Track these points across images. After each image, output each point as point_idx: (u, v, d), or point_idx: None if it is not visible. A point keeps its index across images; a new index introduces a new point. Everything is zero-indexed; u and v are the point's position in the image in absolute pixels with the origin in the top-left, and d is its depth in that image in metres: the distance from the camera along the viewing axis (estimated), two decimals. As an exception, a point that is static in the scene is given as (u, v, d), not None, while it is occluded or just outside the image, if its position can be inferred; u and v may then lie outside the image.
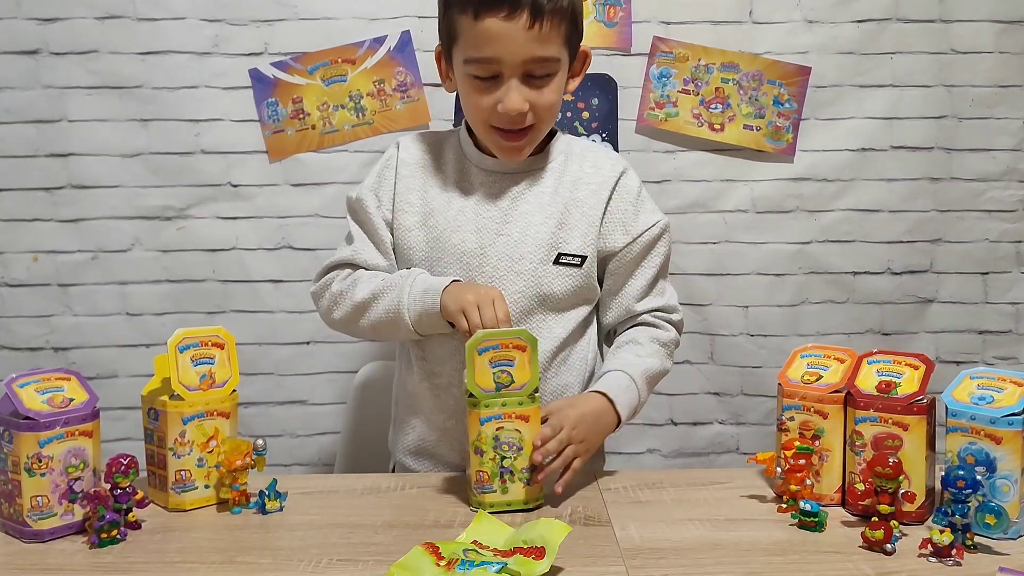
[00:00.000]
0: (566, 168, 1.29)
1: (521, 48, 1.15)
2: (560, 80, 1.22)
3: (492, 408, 1.08)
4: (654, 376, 1.28)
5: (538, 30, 1.14)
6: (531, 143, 1.25)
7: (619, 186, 1.30)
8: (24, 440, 0.98)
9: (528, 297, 1.25)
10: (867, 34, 2.06)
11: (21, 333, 2.05)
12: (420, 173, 1.30)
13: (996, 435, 0.98)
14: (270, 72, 2.03)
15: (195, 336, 1.12)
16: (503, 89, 1.18)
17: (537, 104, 1.19)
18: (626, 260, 1.29)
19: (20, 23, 1.99)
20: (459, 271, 1.25)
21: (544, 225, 1.25)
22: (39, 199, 2.03)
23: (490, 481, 1.08)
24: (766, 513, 1.08)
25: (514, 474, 1.09)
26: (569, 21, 1.19)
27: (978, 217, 2.11)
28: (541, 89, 1.19)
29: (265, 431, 2.06)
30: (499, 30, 1.14)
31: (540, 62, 1.17)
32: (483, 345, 1.08)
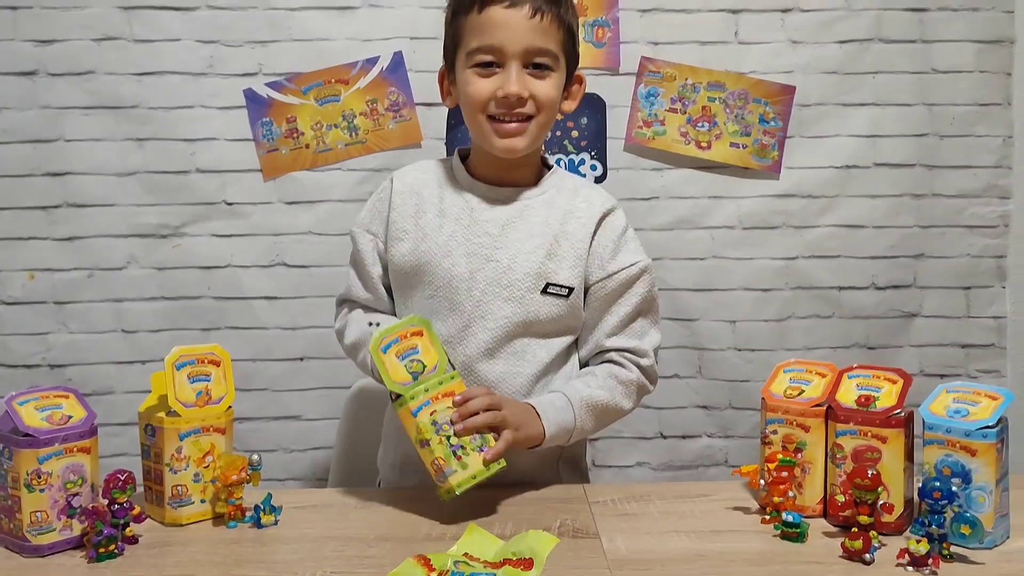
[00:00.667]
0: (556, 201, 1.31)
1: (523, 36, 1.21)
2: (558, 80, 1.26)
3: (417, 398, 1.10)
4: (598, 406, 1.27)
5: (539, 21, 1.21)
6: (529, 137, 1.26)
7: (605, 222, 1.31)
8: (24, 456, 0.99)
9: (515, 323, 1.27)
10: (850, 54, 2.10)
11: (17, 350, 2.07)
12: (414, 200, 1.32)
13: (971, 447, 1.00)
14: (264, 92, 2.06)
15: (192, 354, 1.13)
16: (504, 75, 1.22)
17: (536, 93, 1.23)
18: (600, 295, 1.30)
19: (18, 44, 2.02)
20: (449, 295, 1.27)
21: (534, 254, 1.27)
22: (36, 217, 2.05)
23: (447, 463, 1.08)
24: (750, 524, 1.10)
25: (465, 448, 1.10)
26: (566, 32, 1.25)
27: (960, 233, 2.15)
28: (541, 80, 1.24)
29: (260, 446, 2.08)
30: (502, 18, 1.21)
31: (540, 52, 1.22)
32: (384, 343, 1.10)
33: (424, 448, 1.09)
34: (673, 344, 2.16)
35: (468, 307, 1.26)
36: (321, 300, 2.07)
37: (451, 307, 1.27)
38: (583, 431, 1.27)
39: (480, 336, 1.26)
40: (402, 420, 1.11)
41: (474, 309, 1.26)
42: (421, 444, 1.09)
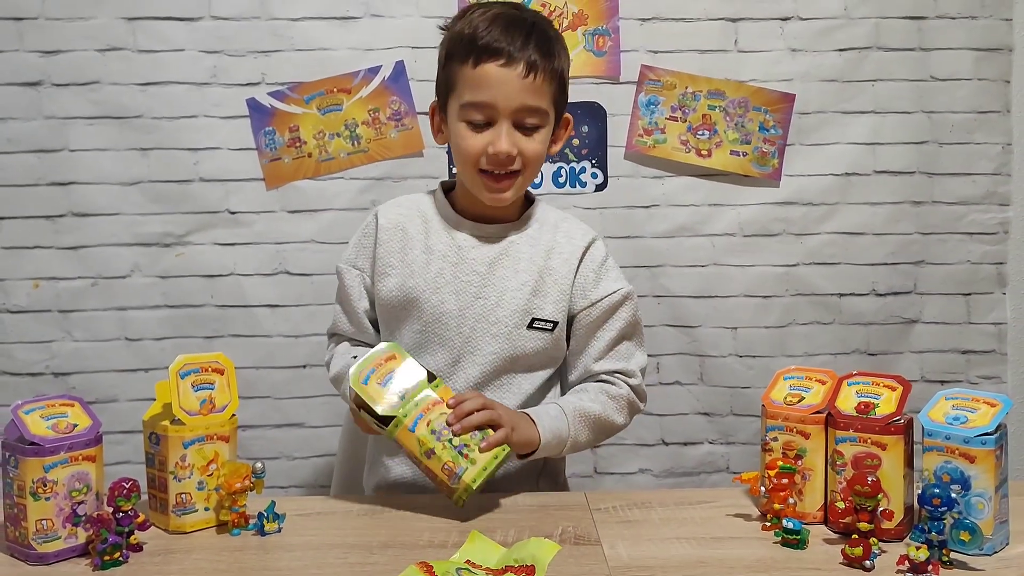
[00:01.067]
0: (540, 236, 1.35)
1: (515, 94, 1.23)
2: (546, 134, 1.28)
3: (411, 414, 1.14)
4: (591, 417, 1.29)
5: (532, 80, 1.22)
6: (516, 189, 1.30)
7: (586, 255, 1.35)
8: (29, 465, 1.00)
9: (502, 358, 1.31)
10: (849, 62, 2.11)
11: (22, 358, 2.08)
12: (399, 236, 1.35)
13: (970, 454, 1.01)
14: (267, 102, 2.07)
15: (196, 362, 1.14)
16: (495, 132, 1.24)
17: (524, 151, 1.26)
18: (585, 323, 1.34)
19: (23, 55, 2.03)
20: (438, 331, 1.31)
21: (520, 291, 1.31)
22: (40, 227, 2.07)
23: (456, 464, 1.12)
24: (751, 531, 1.10)
25: (469, 445, 1.14)
26: (558, 84, 1.27)
27: (960, 239, 2.15)
28: (530, 137, 1.26)
29: (263, 453, 2.08)
30: (496, 75, 1.22)
31: (531, 111, 1.25)
32: (363, 376, 1.15)
33: (431, 458, 1.12)
34: (674, 351, 2.17)
35: (457, 343, 1.30)
36: (323, 308, 2.07)
37: (440, 342, 1.31)
38: (577, 442, 1.29)
39: (469, 371, 1.31)
40: (402, 442, 1.14)
41: (463, 345, 1.30)
42: (427, 455, 1.12)
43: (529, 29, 1.24)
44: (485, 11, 1.27)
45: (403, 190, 2.04)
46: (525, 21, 1.26)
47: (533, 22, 1.27)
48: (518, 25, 1.24)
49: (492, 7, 1.28)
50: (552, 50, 1.26)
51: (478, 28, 1.23)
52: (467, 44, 1.24)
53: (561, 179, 2.12)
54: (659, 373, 2.17)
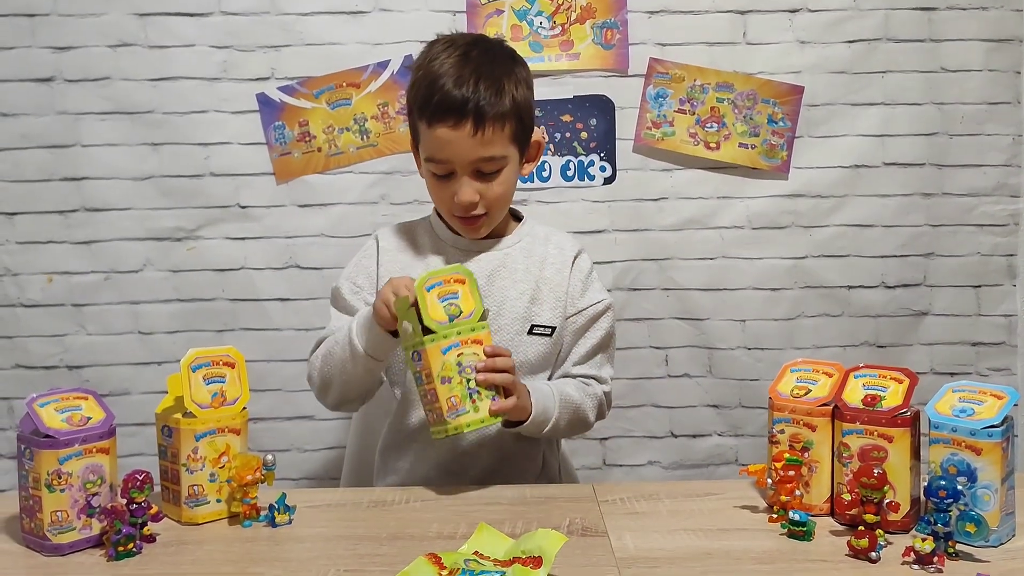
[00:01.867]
0: (533, 248, 1.43)
1: (468, 151, 1.29)
2: (508, 172, 1.35)
3: (449, 337, 1.18)
4: (572, 406, 1.35)
5: (481, 135, 1.28)
6: (487, 225, 1.38)
7: (575, 266, 1.44)
8: (44, 457, 1.01)
9: None
10: (858, 54, 2.11)
11: (36, 352, 2.10)
12: (400, 257, 1.42)
13: (976, 446, 1.01)
14: (277, 96, 2.08)
15: (207, 356, 1.15)
16: (457, 184, 1.32)
17: (487, 195, 1.33)
18: (572, 329, 1.42)
19: (35, 51, 2.05)
20: None
21: (519, 300, 1.38)
22: (53, 222, 2.09)
23: (462, 403, 1.18)
24: (757, 523, 1.11)
25: (481, 394, 1.19)
26: (515, 120, 1.32)
27: (970, 231, 2.15)
28: (490, 182, 1.33)
29: (273, 446, 2.10)
30: (448, 137, 1.28)
31: (486, 161, 1.31)
32: (429, 283, 1.18)
33: (444, 384, 1.17)
34: (683, 344, 2.17)
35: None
36: (334, 302, 2.09)
37: None
38: (556, 427, 1.34)
39: None
40: (429, 356, 1.17)
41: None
42: (442, 380, 1.17)
43: (475, 83, 1.27)
44: (442, 56, 1.30)
45: (412, 184, 2.06)
46: (471, 76, 1.28)
47: (478, 71, 1.28)
48: (464, 82, 1.27)
49: (449, 47, 1.32)
50: (502, 89, 1.29)
51: (432, 82, 1.28)
52: (422, 101, 1.30)
53: (569, 172, 2.12)
54: (668, 366, 2.18)
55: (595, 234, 2.13)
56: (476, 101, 1.27)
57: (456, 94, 1.27)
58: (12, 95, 2.05)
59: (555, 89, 2.09)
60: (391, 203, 2.11)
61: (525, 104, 1.34)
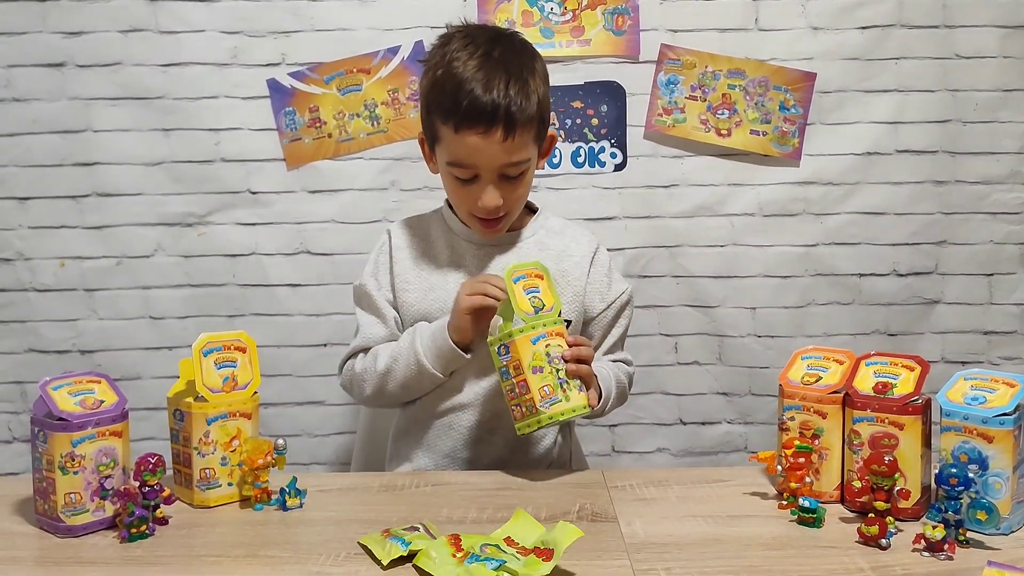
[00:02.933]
0: (549, 241, 1.43)
1: (496, 157, 1.28)
2: (530, 173, 1.35)
3: (537, 328, 1.19)
4: (621, 386, 1.41)
5: (511, 141, 1.26)
6: (507, 224, 1.38)
7: (595, 260, 1.45)
8: (58, 440, 1.02)
9: None
10: (872, 40, 2.09)
11: (49, 336, 2.12)
12: (412, 255, 1.42)
13: (988, 434, 1.01)
14: (287, 82, 2.08)
15: (218, 340, 1.16)
16: (480, 187, 1.30)
17: (510, 198, 1.33)
18: (604, 322, 1.45)
19: (46, 37, 2.05)
20: None
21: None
22: (65, 207, 2.09)
23: (555, 392, 1.18)
24: (767, 510, 1.11)
25: (569, 384, 1.20)
26: (538, 122, 1.31)
27: (983, 219, 2.14)
28: (515, 185, 1.32)
29: (284, 431, 2.11)
30: (476, 144, 1.26)
31: (513, 166, 1.30)
32: (515, 275, 1.20)
33: (536, 374, 1.18)
34: (693, 331, 2.17)
35: (481, 346, 1.33)
36: (344, 288, 2.07)
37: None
38: (611, 408, 1.38)
39: (490, 371, 1.34)
40: (519, 348, 1.18)
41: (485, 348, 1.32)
42: (534, 370, 1.18)
43: (506, 79, 1.25)
44: (464, 56, 1.26)
45: (422, 170, 2.04)
46: (500, 77, 1.25)
47: (507, 72, 1.26)
48: (495, 78, 1.24)
49: (469, 45, 1.28)
50: (529, 91, 1.27)
51: (459, 88, 1.24)
52: (448, 106, 1.25)
53: (580, 159, 2.12)
54: (677, 353, 2.17)
55: (605, 221, 2.13)
56: (507, 107, 1.24)
57: (486, 100, 1.23)
58: (24, 80, 2.06)
59: (566, 75, 2.08)
60: (401, 189, 2.11)
61: (546, 102, 1.34)
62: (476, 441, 1.38)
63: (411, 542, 0.94)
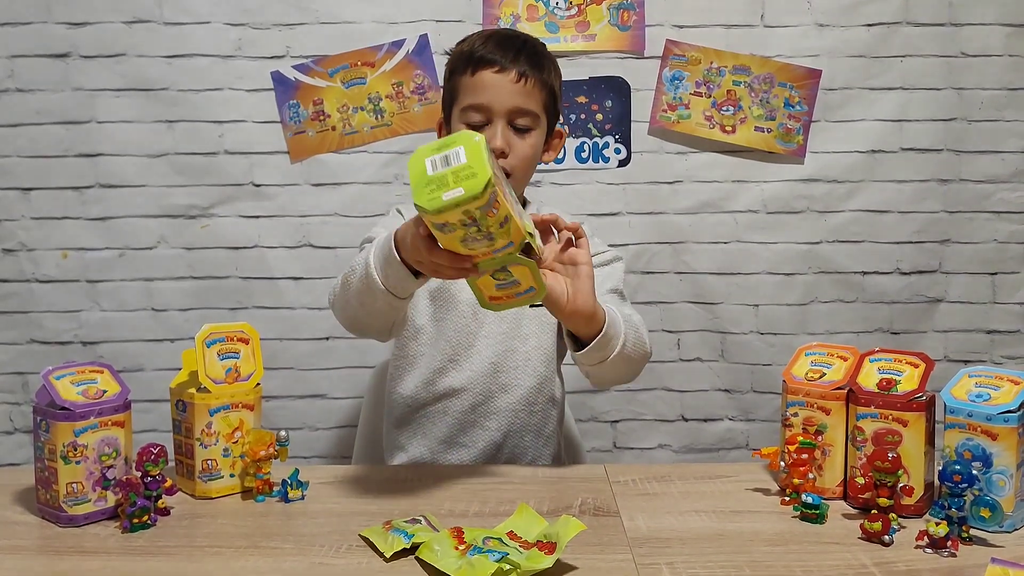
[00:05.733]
0: None
1: (508, 97, 1.33)
2: (537, 138, 1.37)
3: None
4: (633, 325, 1.26)
5: (523, 85, 1.33)
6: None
7: None
8: (60, 429, 1.02)
9: (510, 337, 1.41)
10: (877, 37, 2.09)
11: (51, 327, 2.12)
12: None
13: (992, 431, 1.01)
14: (291, 75, 2.08)
15: (221, 331, 1.16)
16: (491, 130, 1.33)
17: (515, 151, 1.34)
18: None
19: (51, 27, 2.05)
20: (456, 318, 1.40)
21: None
22: (69, 198, 2.09)
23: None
24: (770, 505, 1.11)
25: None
26: (549, 94, 1.37)
27: (987, 218, 2.13)
28: (522, 138, 1.35)
29: (286, 424, 2.12)
30: (491, 80, 1.33)
31: (522, 113, 1.34)
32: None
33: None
34: (696, 327, 2.17)
35: (473, 327, 1.40)
36: (346, 281, 2.09)
37: (457, 328, 1.40)
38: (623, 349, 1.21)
39: (483, 352, 1.40)
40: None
41: (478, 328, 1.40)
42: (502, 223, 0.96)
43: (520, 46, 1.36)
44: (483, 33, 1.41)
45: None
46: (518, 39, 1.38)
47: (524, 40, 1.38)
48: (511, 41, 1.36)
49: (490, 30, 1.43)
50: (542, 64, 1.36)
51: (475, 44, 1.36)
52: (466, 58, 1.36)
53: (584, 154, 2.11)
54: (680, 349, 2.17)
55: (609, 216, 2.12)
56: (524, 54, 1.34)
57: (504, 45, 1.34)
58: (28, 71, 2.06)
59: (571, 70, 2.08)
60: (405, 183, 2.11)
61: (558, 90, 1.40)
62: (470, 425, 1.40)
63: (414, 534, 0.94)
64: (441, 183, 0.91)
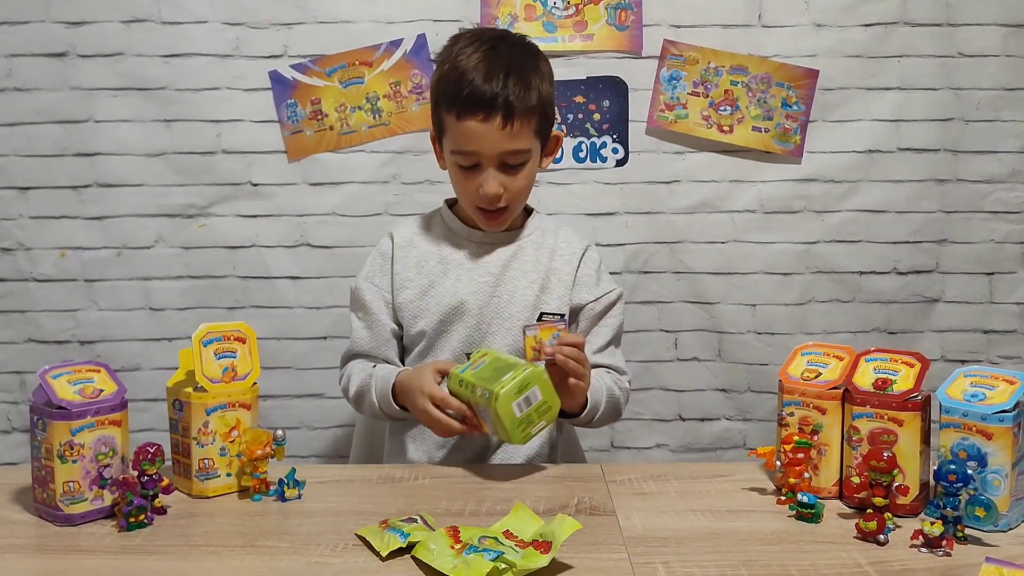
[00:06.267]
0: (543, 241, 1.47)
1: (496, 144, 1.32)
2: (531, 167, 1.39)
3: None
4: (614, 398, 1.40)
5: (510, 129, 1.31)
6: (509, 217, 1.42)
7: (585, 257, 1.48)
8: (57, 428, 1.02)
9: (514, 350, 1.38)
10: (875, 37, 2.09)
11: (48, 326, 2.12)
12: (414, 253, 1.45)
13: (987, 431, 1.01)
14: (289, 74, 2.08)
15: (218, 331, 1.16)
16: (483, 176, 1.34)
17: (510, 188, 1.36)
18: (590, 315, 1.45)
19: (48, 26, 2.05)
20: (460, 329, 1.41)
21: (529, 289, 1.42)
22: (66, 197, 2.09)
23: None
24: (765, 505, 1.11)
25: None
26: (539, 115, 1.35)
27: (984, 218, 2.14)
28: (515, 175, 1.36)
29: (283, 424, 2.10)
30: (477, 130, 1.31)
31: (513, 154, 1.34)
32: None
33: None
34: (693, 327, 2.17)
35: (476, 338, 1.41)
36: (344, 280, 2.08)
37: (460, 338, 1.41)
38: (600, 419, 1.39)
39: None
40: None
41: (481, 340, 1.41)
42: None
43: (506, 71, 1.30)
44: (469, 51, 1.33)
45: (424, 164, 2.06)
46: (499, 65, 1.31)
47: (508, 64, 1.31)
48: (495, 70, 1.30)
49: (475, 42, 1.34)
50: (529, 85, 1.32)
51: (462, 76, 1.30)
52: (451, 95, 1.32)
53: (582, 154, 2.12)
54: (677, 349, 2.17)
55: (606, 216, 2.13)
56: (506, 96, 1.29)
57: (486, 88, 1.29)
58: (25, 70, 2.06)
59: (568, 70, 2.08)
60: (402, 182, 2.11)
61: (549, 99, 1.38)
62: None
63: (410, 534, 0.94)
64: (528, 422, 1.15)
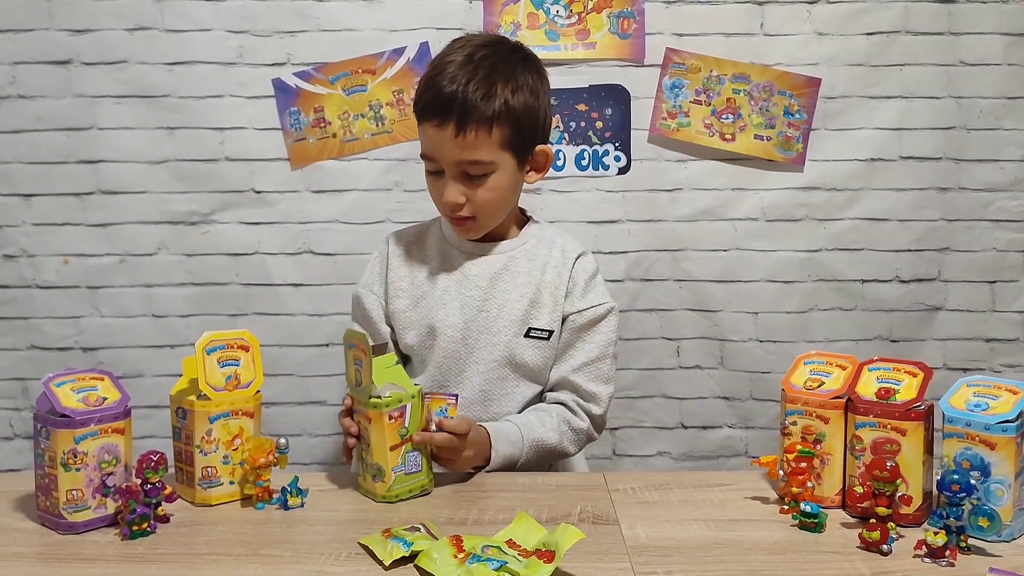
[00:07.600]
0: (537, 251, 1.43)
1: (450, 152, 1.29)
2: (499, 179, 1.32)
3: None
4: (544, 447, 1.33)
5: (463, 138, 1.27)
6: (476, 228, 1.38)
7: (576, 265, 1.42)
8: (60, 436, 1.02)
9: (501, 364, 1.39)
10: (877, 46, 2.09)
11: (51, 333, 2.12)
12: (407, 262, 1.44)
13: (991, 441, 1.01)
14: (292, 82, 2.08)
15: (221, 339, 1.16)
16: (443, 183, 1.32)
17: (473, 199, 1.33)
18: (572, 327, 1.40)
19: (52, 34, 2.05)
20: (445, 344, 1.38)
21: (519, 303, 1.39)
22: (69, 204, 2.10)
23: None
24: (768, 514, 1.11)
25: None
26: (506, 126, 1.29)
27: (986, 227, 2.14)
28: (476, 187, 1.32)
29: (286, 430, 2.11)
30: (434, 136, 1.30)
31: (470, 164, 1.30)
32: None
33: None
34: (695, 335, 2.17)
35: (463, 353, 1.38)
36: (347, 288, 2.08)
37: (446, 353, 1.39)
38: (524, 466, 1.32)
39: (473, 379, 1.39)
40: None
41: (468, 355, 1.38)
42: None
43: (469, 78, 1.26)
44: (452, 56, 1.30)
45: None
46: (470, 68, 1.27)
47: (479, 67, 1.28)
48: (460, 76, 1.26)
49: (462, 47, 1.32)
50: (493, 93, 1.27)
51: (430, 80, 1.29)
52: (417, 97, 1.32)
53: (584, 162, 2.12)
54: (679, 357, 2.17)
55: (608, 224, 2.13)
56: (461, 102, 1.25)
57: (444, 93, 1.26)
58: (29, 77, 2.06)
59: (571, 78, 2.08)
60: (405, 190, 2.11)
61: (524, 110, 1.30)
62: None
63: (413, 543, 0.94)
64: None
